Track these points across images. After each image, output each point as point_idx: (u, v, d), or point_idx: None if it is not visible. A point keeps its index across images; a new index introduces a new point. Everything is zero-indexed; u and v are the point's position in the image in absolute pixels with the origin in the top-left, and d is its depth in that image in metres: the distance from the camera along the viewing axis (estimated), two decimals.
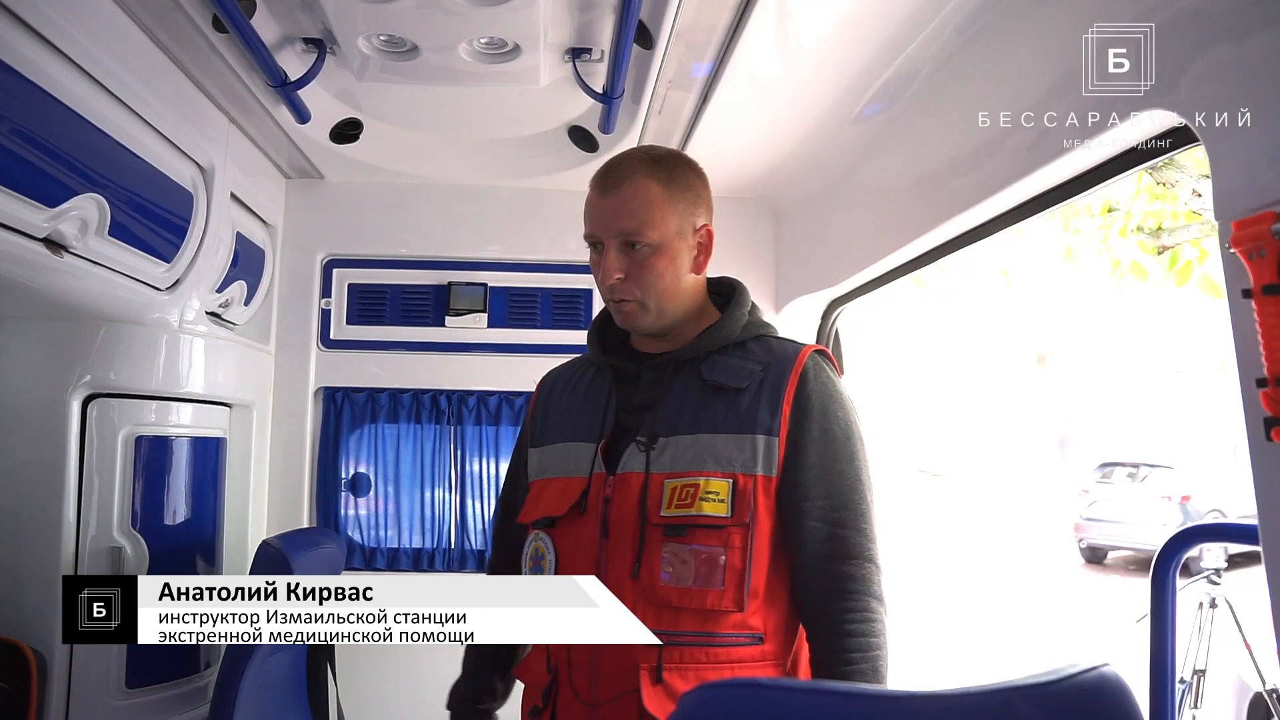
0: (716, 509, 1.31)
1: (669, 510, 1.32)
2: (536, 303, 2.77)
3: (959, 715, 0.78)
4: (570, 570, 1.37)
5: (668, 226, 1.39)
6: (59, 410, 1.93)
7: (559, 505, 1.41)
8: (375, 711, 2.55)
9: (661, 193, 1.39)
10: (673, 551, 1.31)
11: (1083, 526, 11.75)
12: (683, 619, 1.30)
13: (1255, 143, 1.00)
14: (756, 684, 0.79)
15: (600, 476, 1.39)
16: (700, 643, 1.31)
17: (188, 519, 2.17)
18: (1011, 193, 1.66)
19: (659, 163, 1.43)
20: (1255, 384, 0.97)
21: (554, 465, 1.46)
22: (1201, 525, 1.38)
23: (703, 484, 1.32)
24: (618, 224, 1.39)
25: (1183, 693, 3.92)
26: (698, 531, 1.31)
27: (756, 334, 1.46)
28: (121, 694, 1.96)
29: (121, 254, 1.81)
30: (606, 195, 1.41)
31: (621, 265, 1.39)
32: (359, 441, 2.70)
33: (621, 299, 1.41)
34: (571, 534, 1.40)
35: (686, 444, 1.35)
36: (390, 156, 2.54)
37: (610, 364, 1.48)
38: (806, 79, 1.98)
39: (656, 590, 1.31)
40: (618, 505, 1.36)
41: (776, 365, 1.39)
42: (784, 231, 2.80)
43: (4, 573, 1.87)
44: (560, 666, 1.38)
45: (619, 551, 1.34)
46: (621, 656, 1.31)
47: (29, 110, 1.44)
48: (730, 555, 1.31)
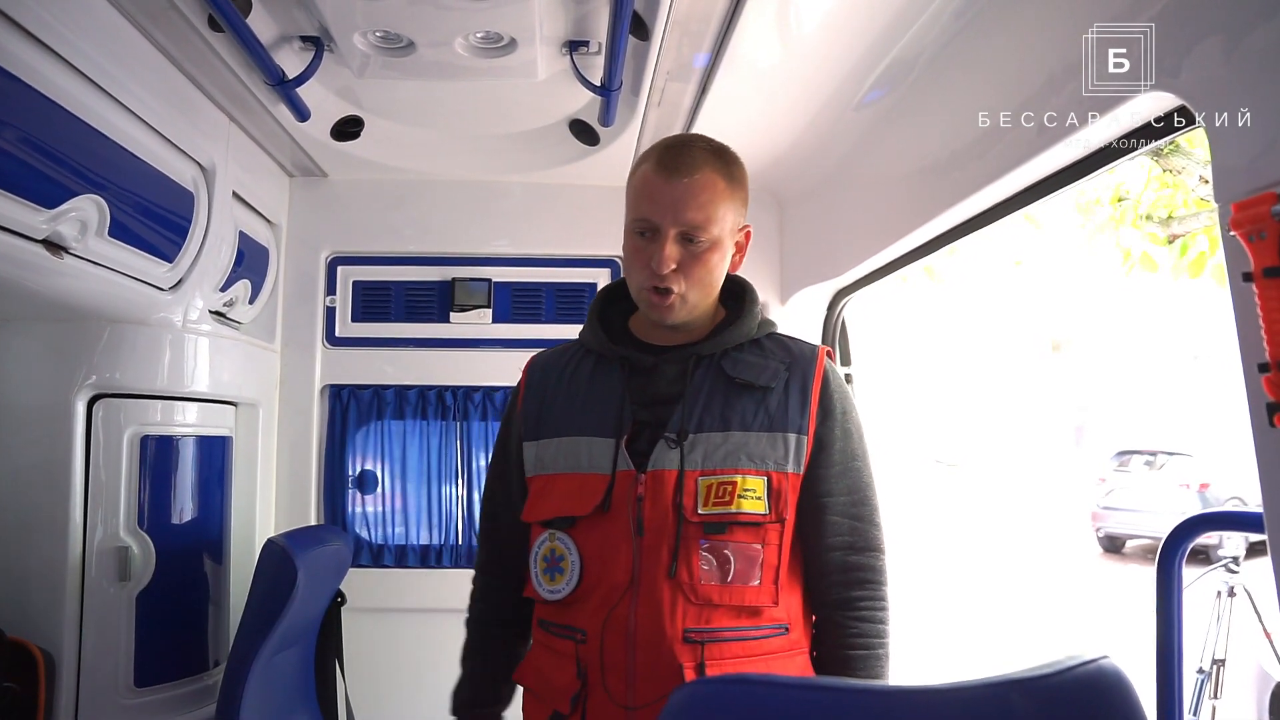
0: (755, 506, 1.32)
1: (706, 508, 1.32)
2: (541, 297, 2.77)
3: (953, 710, 0.77)
4: (598, 571, 1.35)
5: (725, 223, 1.37)
6: (64, 411, 1.94)
7: (581, 504, 1.36)
8: (384, 709, 2.56)
9: (726, 188, 1.37)
10: (712, 549, 1.31)
11: (1100, 515, 11.67)
12: (720, 616, 1.31)
13: (1255, 124, 0.98)
14: (745, 680, 0.78)
15: (629, 474, 1.35)
16: (738, 637, 1.32)
17: (195, 518, 2.18)
18: (1015, 177, 1.64)
19: (722, 155, 1.40)
20: (1257, 369, 0.94)
21: (561, 460, 1.41)
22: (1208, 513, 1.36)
23: (740, 481, 1.32)
24: (686, 214, 1.34)
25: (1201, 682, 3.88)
26: (737, 529, 1.32)
27: (767, 331, 1.47)
28: (130, 692, 1.97)
29: (123, 254, 1.81)
30: (674, 180, 1.34)
31: (677, 256, 1.35)
32: (365, 439, 2.71)
33: (668, 290, 1.37)
34: (598, 533, 1.35)
35: (718, 441, 1.34)
36: (392, 153, 2.54)
37: (622, 355, 1.43)
38: (806, 66, 1.96)
39: (697, 588, 1.31)
40: (652, 503, 1.33)
41: (799, 366, 1.41)
42: (788, 222, 2.78)
43: (12, 573, 1.89)
44: (591, 670, 1.33)
45: (655, 550, 1.32)
46: (661, 657, 1.30)
47: (24, 112, 1.44)
48: (767, 551, 1.33)
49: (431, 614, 2.64)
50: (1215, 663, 3.83)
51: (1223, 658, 3.78)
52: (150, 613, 2.01)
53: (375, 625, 2.58)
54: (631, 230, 1.39)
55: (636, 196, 1.39)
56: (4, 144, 1.41)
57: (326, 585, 2.23)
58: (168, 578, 2.04)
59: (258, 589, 2.00)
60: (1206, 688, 3.83)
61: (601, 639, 1.33)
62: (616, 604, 1.32)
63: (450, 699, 1.58)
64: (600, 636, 1.33)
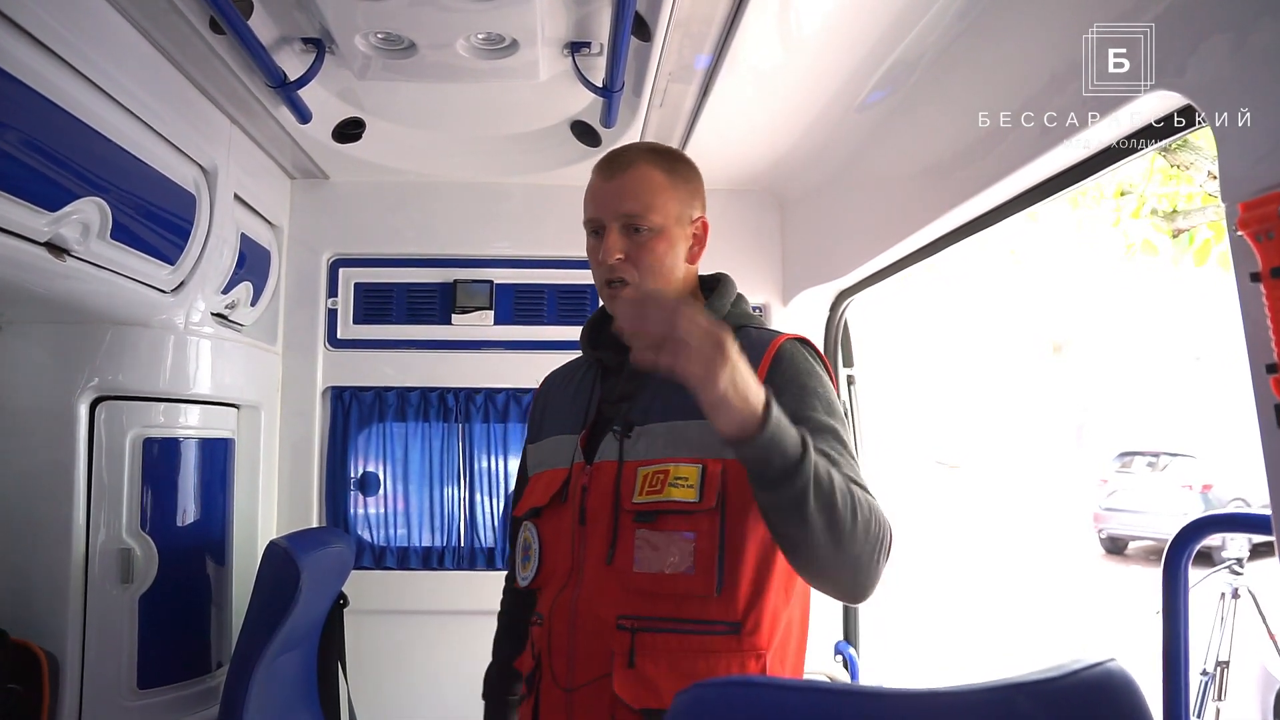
0: (685, 494, 1.31)
1: (640, 496, 1.34)
2: (543, 299, 2.76)
3: (958, 714, 0.76)
4: (551, 558, 1.42)
5: (669, 212, 1.42)
6: (67, 413, 1.94)
7: (544, 496, 1.46)
8: (386, 710, 2.55)
9: (664, 179, 1.43)
10: (644, 538, 1.32)
11: (1102, 517, 11.65)
12: (657, 604, 1.31)
13: (1262, 123, 0.97)
14: (750, 682, 0.78)
15: (580, 466, 1.42)
16: (672, 629, 1.30)
17: (197, 520, 2.18)
18: (1018, 178, 1.64)
19: (660, 152, 1.49)
20: (1265, 370, 0.94)
21: (546, 459, 1.51)
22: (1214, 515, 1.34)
23: (672, 470, 1.33)
24: (622, 205, 1.41)
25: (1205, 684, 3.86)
26: (668, 517, 1.32)
27: (737, 324, 1.44)
28: (133, 694, 1.97)
29: (125, 257, 1.81)
30: (610, 179, 1.43)
31: (622, 246, 1.41)
32: (367, 441, 2.70)
33: (619, 280, 1.42)
34: (553, 523, 1.44)
35: (660, 431, 1.37)
36: (393, 155, 2.53)
37: (597, 357, 1.52)
38: (808, 67, 1.96)
39: (630, 576, 1.33)
40: (594, 493, 1.39)
41: (750, 351, 1.33)
42: (790, 223, 2.78)
43: (16, 575, 1.89)
44: (542, 653, 1.41)
45: (595, 538, 1.37)
46: (597, 642, 1.33)
47: (26, 114, 1.44)
48: (700, 540, 1.30)
49: (434, 616, 2.64)
50: (1219, 665, 3.81)
51: (1227, 660, 3.77)
52: (153, 614, 2.01)
53: (378, 627, 2.58)
54: (588, 235, 1.47)
55: (586, 201, 1.47)
56: (6, 146, 1.41)
57: (329, 587, 2.23)
58: (170, 580, 2.04)
59: (260, 591, 2.00)
60: (1210, 690, 3.82)
61: (550, 622, 1.39)
62: (562, 589, 1.39)
63: (483, 682, 1.64)
64: (550, 620, 1.40)
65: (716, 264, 1.56)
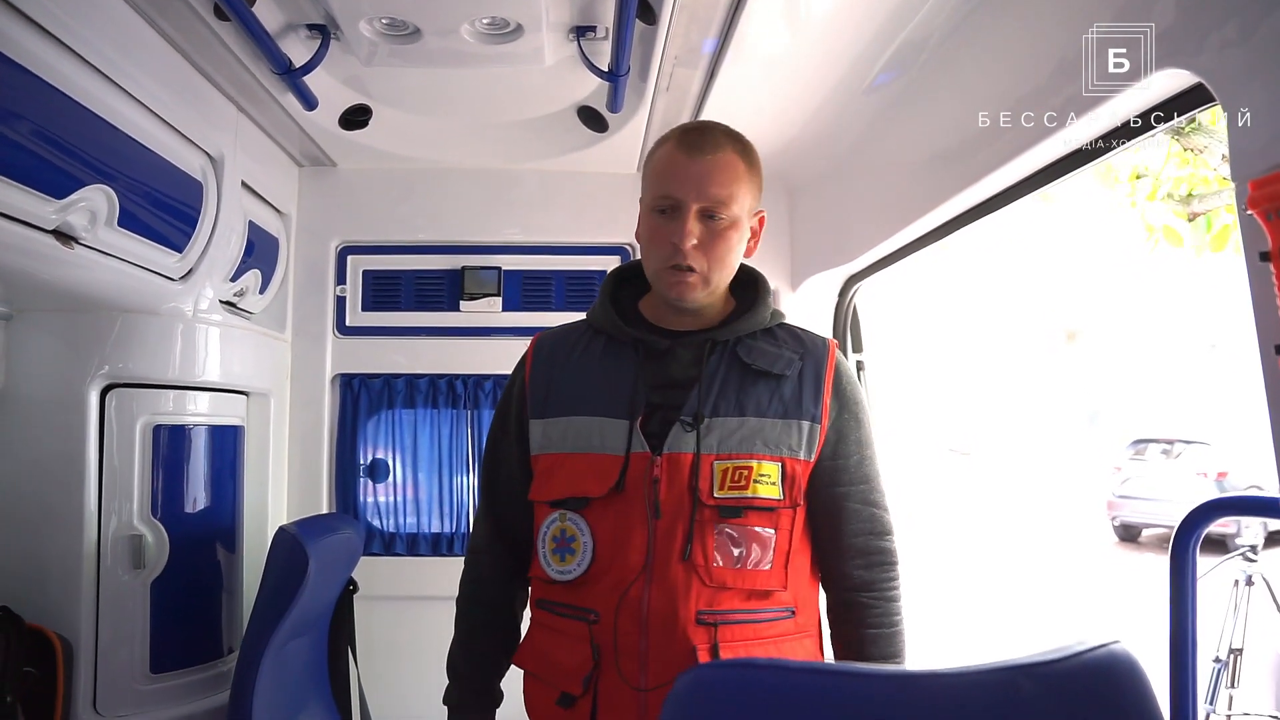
0: (770, 491, 1.34)
1: (722, 491, 1.33)
2: (551, 285, 2.76)
3: (961, 694, 0.76)
4: (611, 552, 1.34)
5: (744, 204, 1.40)
6: (78, 401, 1.95)
7: (595, 485, 1.36)
8: (396, 695, 2.57)
9: (745, 169, 1.40)
10: (726, 533, 1.33)
11: (1115, 504, 11.57)
12: (730, 598, 1.33)
13: (1272, 100, 0.96)
14: (751, 664, 0.78)
15: (644, 456, 1.35)
16: (748, 619, 1.34)
17: (207, 506, 2.19)
18: (1029, 158, 1.62)
19: (740, 139, 1.44)
20: (1274, 350, 0.93)
21: (572, 440, 1.40)
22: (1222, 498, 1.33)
23: (756, 466, 1.34)
24: (709, 190, 1.36)
25: (1218, 671, 3.85)
26: (752, 513, 1.34)
27: (778, 321, 1.49)
28: (146, 679, 1.99)
29: (132, 245, 1.82)
30: (697, 157, 1.37)
31: (699, 232, 1.37)
32: (376, 427, 2.72)
33: (689, 267, 1.37)
34: (611, 515, 1.35)
35: (733, 426, 1.36)
36: (400, 142, 2.53)
37: (636, 338, 1.43)
38: (815, 49, 1.94)
39: (711, 571, 1.33)
40: (668, 485, 1.34)
41: (812, 356, 1.44)
42: (798, 208, 2.76)
43: (29, 561, 1.90)
44: (605, 652, 1.34)
45: (670, 533, 1.33)
46: (674, 639, 1.31)
47: (32, 103, 1.44)
48: (780, 536, 1.35)
49: (443, 601, 2.61)
50: (1232, 652, 3.79)
51: (1240, 647, 3.75)
52: (164, 600, 2.03)
53: (387, 613, 2.59)
54: (651, 209, 1.40)
55: (658, 175, 1.40)
56: (12, 135, 1.41)
57: (338, 573, 2.24)
58: (181, 566, 2.06)
59: (269, 577, 2.02)
60: (1224, 677, 3.80)
61: (615, 621, 1.33)
62: (630, 586, 1.33)
63: (446, 667, 1.55)
64: (614, 618, 1.33)
65: None
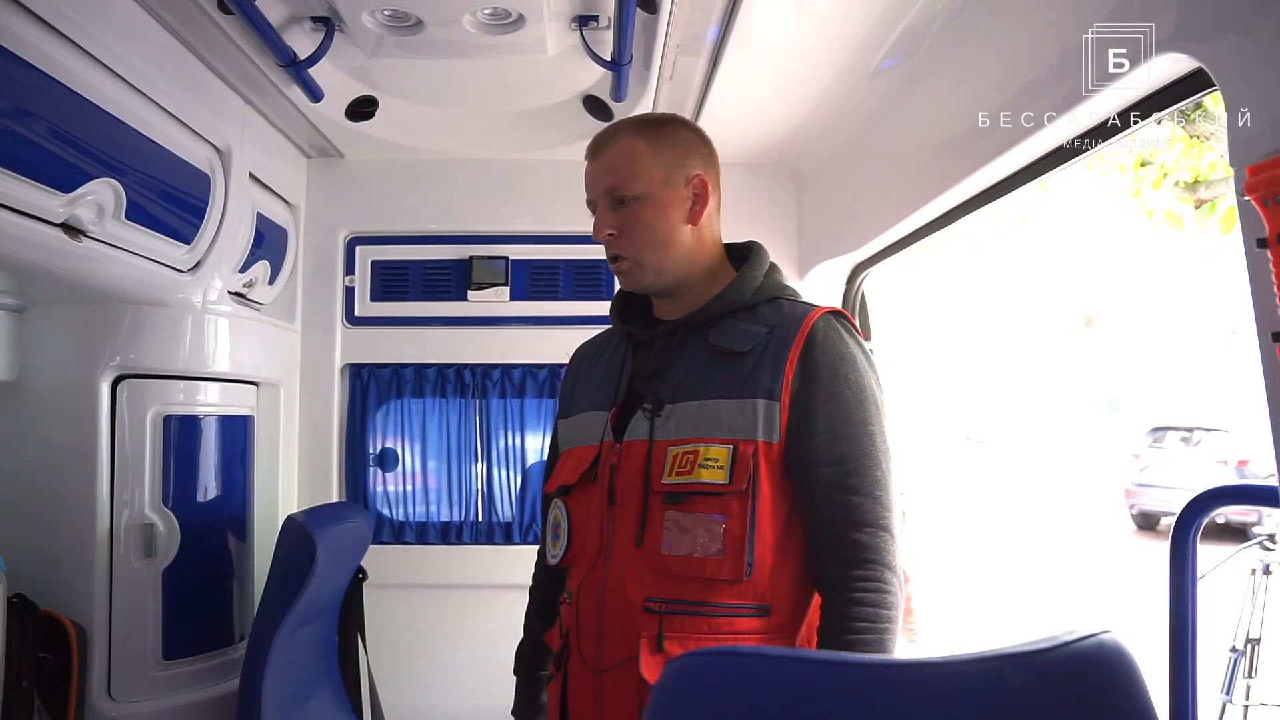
0: (715, 476, 1.29)
1: (670, 478, 1.32)
2: (558, 274, 2.76)
3: (945, 684, 0.76)
4: (580, 537, 1.41)
5: (653, 177, 1.40)
6: (90, 392, 1.98)
7: (573, 474, 1.44)
8: (406, 682, 2.60)
9: (645, 146, 1.41)
10: (673, 519, 1.31)
11: (1134, 492, 11.50)
12: (684, 587, 1.30)
13: (1272, 86, 0.94)
14: (738, 652, 0.78)
15: (609, 444, 1.40)
16: (700, 612, 1.29)
17: (218, 496, 2.22)
18: (1036, 142, 1.59)
19: (645, 122, 1.47)
20: (1271, 338, 0.92)
21: (576, 435, 1.49)
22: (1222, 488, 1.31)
23: (702, 451, 1.31)
24: (606, 180, 1.41)
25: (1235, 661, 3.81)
26: (697, 499, 1.30)
27: (770, 296, 1.42)
28: (158, 665, 2.02)
29: (141, 237, 1.84)
30: (594, 159, 1.45)
31: (611, 222, 1.41)
32: (385, 417, 2.73)
33: (616, 256, 1.43)
34: (582, 502, 1.42)
35: (691, 410, 1.34)
36: (407, 133, 2.54)
37: (627, 332, 1.50)
38: (819, 35, 1.93)
39: (659, 558, 1.31)
40: (623, 473, 1.37)
41: (783, 328, 1.36)
42: (805, 196, 2.75)
43: (43, 549, 1.94)
44: (570, 633, 1.40)
45: (624, 519, 1.35)
46: (625, 624, 1.32)
47: (37, 97, 1.46)
48: (730, 523, 1.28)
49: (452, 589, 2.68)
50: (1250, 641, 3.76)
51: (1258, 636, 3.72)
52: (176, 588, 2.05)
53: (397, 601, 2.62)
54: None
55: None
56: (19, 129, 1.43)
57: (347, 561, 2.26)
58: (192, 554, 2.08)
59: (277, 565, 2.04)
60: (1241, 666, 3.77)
61: (578, 602, 1.38)
62: (590, 569, 1.38)
63: (514, 658, 1.63)
64: (578, 599, 1.39)
65: (731, 238, 1.53)
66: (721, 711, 0.77)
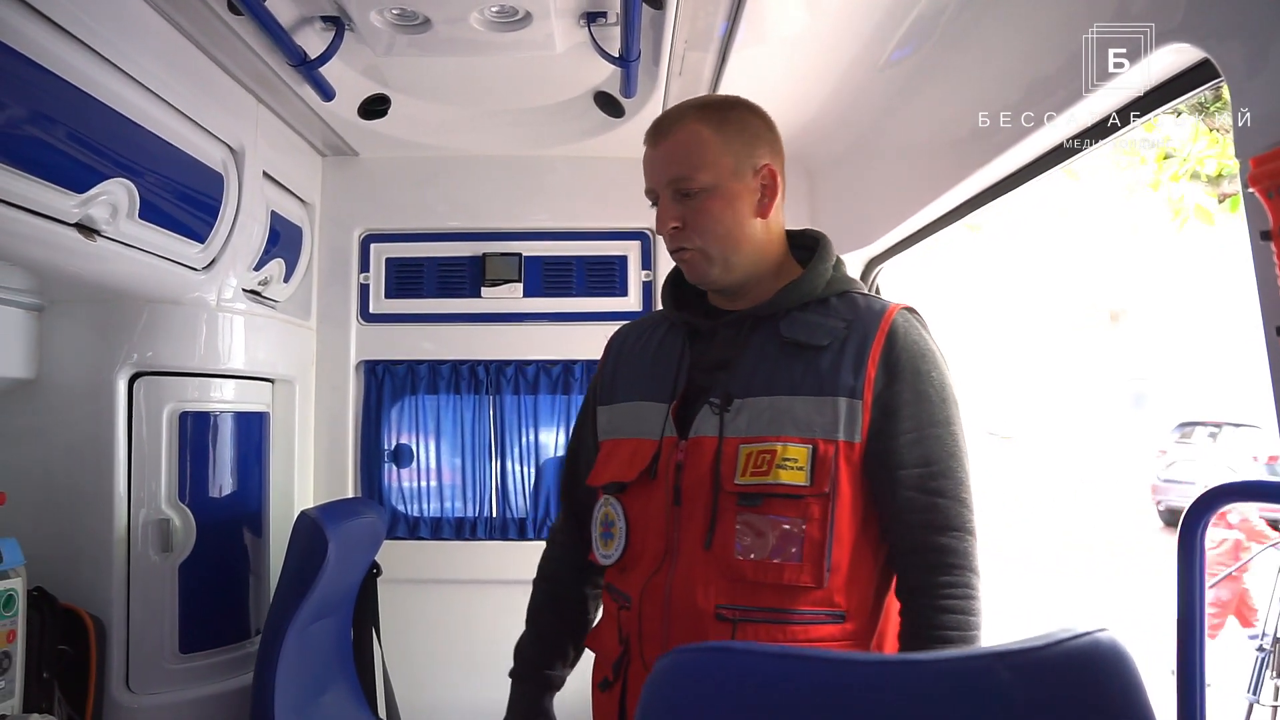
0: (794, 477, 1.23)
1: (744, 478, 1.25)
2: (571, 271, 2.77)
3: (935, 682, 0.76)
4: (641, 538, 1.33)
5: (721, 168, 1.32)
6: (108, 389, 2.01)
7: (629, 470, 1.35)
8: (420, 676, 2.61)
9: (712, 134, 1.33)
10: (747, 522, 1.24)
11: (1160, 488, 11.34)
12: (759, 594, 1.24)
13: (1276, 76, 0.93)
14: (728, 648, 0.78)
15: (671, 440, 1.32)
16: (776, 619, 1.23)
17: (234, 492, 2.24)
18: (1049, 132, 1.57)
19: (709, 106, 1.38)
20: (1276, 331, 0.90)
21: (625, 425, 1.40)
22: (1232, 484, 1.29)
23: (780, 450, 1.24)
24: (669, 171, 1.33)
25: (1263, 660, 3.76)
26: (774, 501, 1.23)
27: (841, 290, 1.36)
28: (175, 658, 2.05)
29: (155, 236, 1.86)
30: (656, 145, 1.36)
31: (676, 214, 1.33)
32: (400, 413, 2.75)
33: (680, 248, 1.35)
34: (641, 500, 1.34)
35: (763, 406, 1.27)
36: (420, 130, 2.55)
37: (684, 320, 1.41)
38: (828, 26, 1.91)
39: (730, 563, 1.24)
40: (690, 471, 1.29)
41: (861, 323, 1.30)
42: (817, 190, 2.73)
43: (63, 544, 1.97)
44: (631, 639, 1.32)
45: (691, 521, 1.28)
46: (694, 631, 1.25)
47: (51, 99, 1.48)
48: (809, 527, 1.23)
49: (467, 585, 2.70)
50: (1277, 641, 3.70)
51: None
52: (192, 582, 2.08)
53: (412, 596, 2.63)
54: (653, 207, 1.39)
55: (644, 173, 1.40)
56: (33, 131, 1.45)
57: (360, 557, 2.28)
58: (208, 549, 2.11)
59: (291, 560, 2.07)
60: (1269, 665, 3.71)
61: (640, 607, 1.30)
62: (655, 572, 1.30)
63: (513, 655, 1.55)
64: (639, 604, 1.31)
65: None
66: (714, 708, 0.77)
